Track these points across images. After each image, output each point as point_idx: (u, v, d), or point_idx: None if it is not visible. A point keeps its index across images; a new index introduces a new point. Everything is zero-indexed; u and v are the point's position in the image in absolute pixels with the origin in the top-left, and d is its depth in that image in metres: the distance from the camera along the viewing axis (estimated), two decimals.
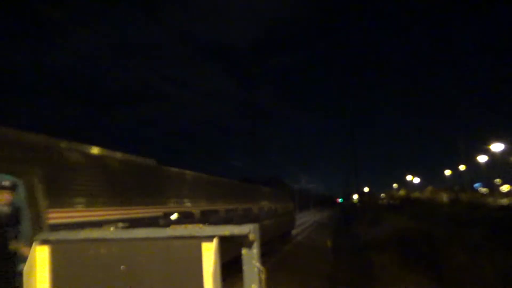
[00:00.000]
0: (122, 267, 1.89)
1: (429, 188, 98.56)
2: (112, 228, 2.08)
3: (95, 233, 2.01)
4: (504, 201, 47.35)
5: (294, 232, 24.51)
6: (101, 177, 6.28)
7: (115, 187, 6.48)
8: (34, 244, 2.03)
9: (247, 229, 1.76)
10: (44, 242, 2.03)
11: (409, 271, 11.19)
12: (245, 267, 1.79)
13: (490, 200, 53.92)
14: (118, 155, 7.24)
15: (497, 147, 47.81)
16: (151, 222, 6.97)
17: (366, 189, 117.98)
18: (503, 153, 48.28)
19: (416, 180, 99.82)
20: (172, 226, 1.90)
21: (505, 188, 76.45)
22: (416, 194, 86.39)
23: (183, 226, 1.87)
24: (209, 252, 1.73)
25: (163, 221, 7.84)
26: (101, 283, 1.92)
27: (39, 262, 2.01)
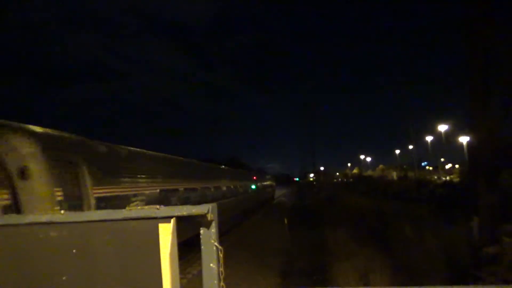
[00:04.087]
0: (74, 250, 1.82)
1: (380, 166, 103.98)
2: (62, 211, 1.99)
3: (43, 217, 1.91)
4: (447, 178, 51.00)
5: None
6: None
7: None
8: None
9: (205, 208, 1.75)
10: None
11: (359, 244, 11.86)
12: (204, 247, 1.78)
13: (435, 177, 57.85)
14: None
15: (442, 128, 50.89)
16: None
17: (322, 168, 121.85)
18: (447, 133, 51.50)
19: (369, 159, 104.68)
20: (128, 207, 1.85)
21: (448, 166, 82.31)
22: (369, 172, 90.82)
23: (139, 207, 1.83)
24: (166, 233, 1.71)
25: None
26: (52, 267, 1.85)
27: None
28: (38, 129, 5.72)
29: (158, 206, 1.79)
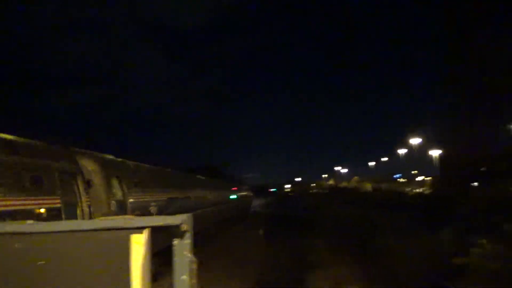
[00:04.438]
0: (39, 262, 1.74)
1: (355, 178, 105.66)
2: (30, 221, 1.91)
3: (8, 227, 1.83)
4: (419, 190, 52.41)
5: None
6: None
7: None
8: None
9: (180, 219, 1.71)
10: None
11: (337, 252, 12.02)
12: (176, 258, 1.74)
13: (408, 189, 59.33)
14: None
15: (415, 141, 52.39)
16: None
17: (298, 179, 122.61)
18: (419, 146, 53.02)
19: (344, 170, 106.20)
20: (98, 218, 1.79)
21: (420, 178, 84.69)
22: (344, 184, 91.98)
23: (110, 217, 1.78)
24: (139, 244, 1.66)
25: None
26: (15, 281, 1.76)
27: None
28: (97, 153, 8.23)
29: (131, 216, 1.75)
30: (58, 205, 5.93)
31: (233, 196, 29.89)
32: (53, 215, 5.67)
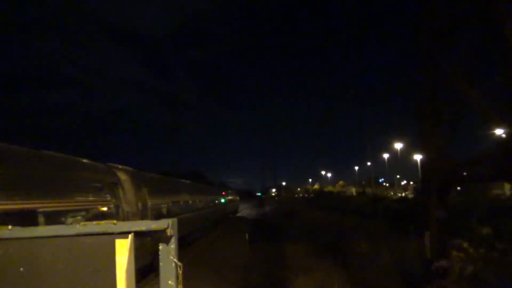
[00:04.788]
0: (21, 269, 1.71)
1: (340, 182, 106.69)
2: (10, 226, 1.87)
3: None
4: (402, 194, 53.27)
5: None
6: None
7: None
8: None
9: (165, 224, 1.71)
10: None
11: (316, 258, 12.09)
12: (162, 263, 1.74)
13: (391, 193, 60.25)
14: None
15: (398, 146, 53.18)
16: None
17: (283, 183, 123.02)
18: (402, 151, 53.81)
19: (329, 175, 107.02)
20: (83, 223, 1.77)
21: (403, 183, 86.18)
22: (329, 188, 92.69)
23: (95, 222, 1.76)
24: (123, 249, 1.65)
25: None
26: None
27: None
28: (128, 168, 10.53)
29: (115, 221, 1.73)
30: (111, 205, 8.06)
31: (223, 200, 33.81)
32: (109, 211, 7.79)
